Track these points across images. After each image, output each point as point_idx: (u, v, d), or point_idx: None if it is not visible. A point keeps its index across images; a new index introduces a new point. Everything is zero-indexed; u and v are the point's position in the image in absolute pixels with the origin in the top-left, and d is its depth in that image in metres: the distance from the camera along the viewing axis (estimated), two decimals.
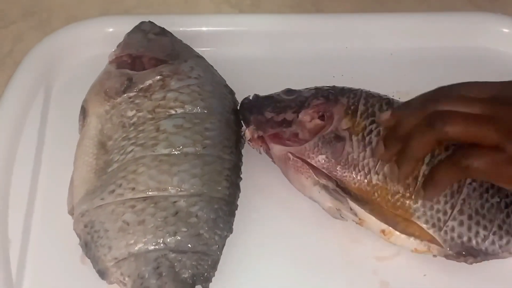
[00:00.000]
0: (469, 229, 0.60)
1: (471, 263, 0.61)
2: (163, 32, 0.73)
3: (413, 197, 0.61)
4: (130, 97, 0.66)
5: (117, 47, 0.71)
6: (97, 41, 0.76)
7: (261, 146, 0.67)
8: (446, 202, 0.61)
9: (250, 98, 0.69)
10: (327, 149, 0.63)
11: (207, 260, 0.59)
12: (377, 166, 0.62)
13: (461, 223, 0.60)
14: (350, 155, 0.63)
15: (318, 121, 0.65)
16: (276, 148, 0.65)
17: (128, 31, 0.73)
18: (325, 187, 0.63)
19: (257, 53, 0.76)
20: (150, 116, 0.64)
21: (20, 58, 0.76)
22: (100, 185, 0.61)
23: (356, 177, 0.62)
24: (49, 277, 0.61)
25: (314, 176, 0.63)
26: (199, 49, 0.73)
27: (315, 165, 0.63)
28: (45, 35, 0.77)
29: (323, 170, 0.63)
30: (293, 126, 0.65)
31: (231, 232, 0.62)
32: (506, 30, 0.80)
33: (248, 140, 0.67)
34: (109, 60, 0.70)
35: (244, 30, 0.80)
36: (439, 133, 0.54)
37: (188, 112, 0.65)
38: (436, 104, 0.55)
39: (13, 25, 0.81)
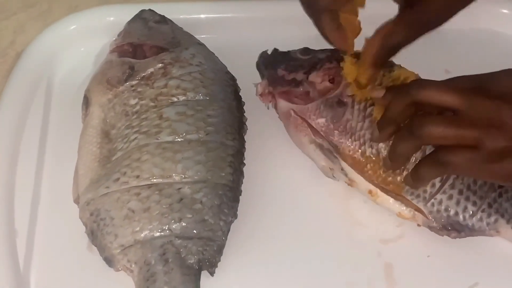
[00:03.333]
0: (458, 203, 0.61)
1: (454, 238, 0.62)
2: (163, 20, 0.73)
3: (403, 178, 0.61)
4: (132, 86, 0.66)
5: (118, 36, 0.71)
6: (98, 30, 0.77)
7: (270, 101, 0.68)
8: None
9: (268, 52, 0.70)
10: (328, 112, 0.65)
11: (213, 246, 0.60)
12: None
13: (450, 197, 0.61)
14: (349, 122, 0.64)
15: (328, 84, 0.66)
16: (282, 104, 0.67)
17: (129, 19, 0.73)
18: (320, 146, 0.65)
19: (258, 39, 0.76)
20: (152, 104, 0.64)
21: (22, 49, 0.76)
22: (105, 174, 0.62)
23: (351, 145, 0.64)
24: (56, 266, 0.62)
25: (311, 134, 0.65)
26: (200, 36, 0.73)
27: (314, 126, 0.65)
28: (46, 26, 0.77)
29: (321, 132, 0.65)
30: (302, 86, 0.67)
31: (236, 218, 0.62)
32: (505, 11, 0.80)
33: (259, 95, 0.68)
34: (110, 49, 0.71)
35: (245, 17, 0.80)
36: (420, 140, 0.54)
37: (190, 99, 0.65)
38: (418, 91, 0.54)
39: (14, 16, 0.81)
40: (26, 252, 0.62)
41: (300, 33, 0.73)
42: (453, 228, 0.62)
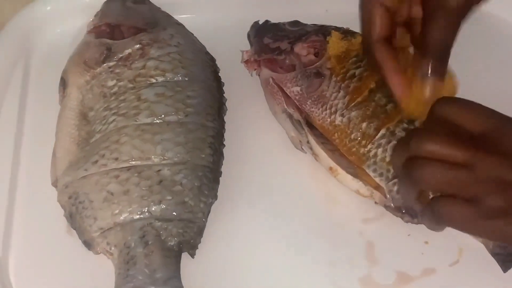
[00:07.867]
0: None
1: (406, 222, 0.62)
2: None
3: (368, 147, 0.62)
4: (110, 67, 0.65)
5: (95, 16, 0.70)
6: (74, 11, 0.75)
7: (255, 69, 0.69)
8: None
9: (259, 22, 0.71)
10: (304, 82, 0.65)
11: (193, 228, 0.59)
12: (345, 109, 0.63)
13: None
14: (323, 93, 0.64)
15: (312, 57, 0.67)
16: (264, 72, 0.68)
17: None
18: (290, 116, 0.65)
19: (237, 19, 0.75)
20: (131, 85, 0.64)
21: None
22: (83, 156, 0.61)
23: (322, 114, 0.64)
24: (35, 250, 0.61)
25: (284, 103, 0.66)
26: (178, 17, 0.72)
27: (289, 95, 0.66)
28: (23, 6, 0.76)
29: (295, 101, 0.65)
30: (286, 55, 0.67)
31: (216, 199, 0.62)
32: None
33: (244, 62, 0.69)
34: (88, 30, 0.70)
35: None
36: (417, 184, 0.50)
37: (169, 80, 0.64)
38: (418, 145, 0.50)
39: None
40: (4, 236, 0.61)
41: (281, 13, 0.73)
42: (407, 212, 0.62)
